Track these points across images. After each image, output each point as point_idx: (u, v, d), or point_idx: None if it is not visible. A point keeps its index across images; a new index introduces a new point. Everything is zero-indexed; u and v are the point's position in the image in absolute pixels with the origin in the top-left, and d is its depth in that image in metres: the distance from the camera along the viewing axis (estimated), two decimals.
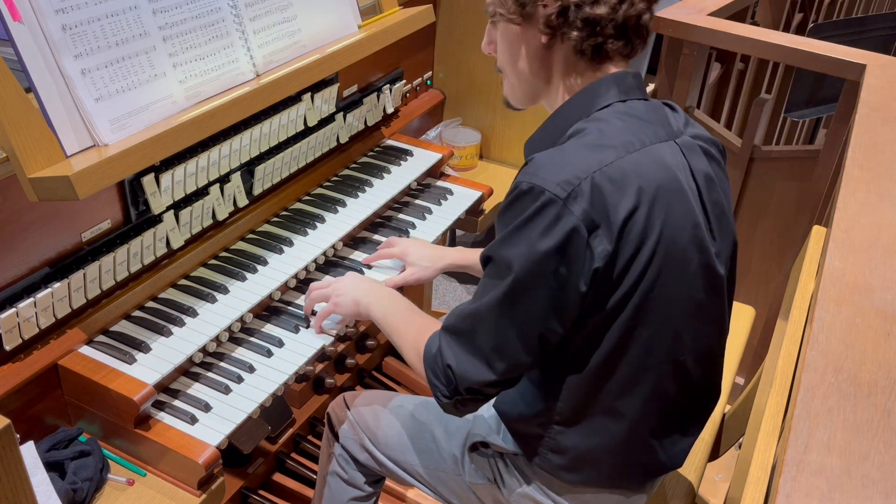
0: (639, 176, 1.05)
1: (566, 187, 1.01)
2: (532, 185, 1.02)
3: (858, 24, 2.90)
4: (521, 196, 1.04)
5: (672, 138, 1.13)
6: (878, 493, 0.83)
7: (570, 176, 1.02)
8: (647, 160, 1.07)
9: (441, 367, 1.15)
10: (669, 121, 1.16)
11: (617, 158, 1.04)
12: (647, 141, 1.09)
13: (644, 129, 1.10)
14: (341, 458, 1.54)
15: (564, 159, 1.04)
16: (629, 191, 1.03)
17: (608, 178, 1.02)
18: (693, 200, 1.11)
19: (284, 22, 1.56)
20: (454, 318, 1.15)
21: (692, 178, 1.13)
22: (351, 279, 1.45)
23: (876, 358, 1.02)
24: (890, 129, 1.64)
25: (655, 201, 1.05)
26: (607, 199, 1.02)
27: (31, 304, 1.22)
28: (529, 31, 1.13)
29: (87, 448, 1.22)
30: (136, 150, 1.21)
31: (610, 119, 1.10)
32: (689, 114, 2.45)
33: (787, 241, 2.41)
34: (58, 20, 1.17)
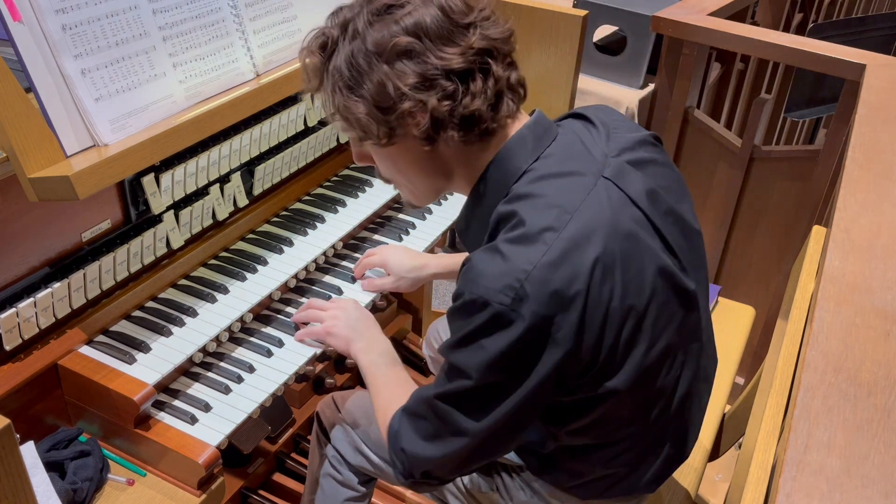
0: (582, 249, 0.99)
1: (509, 293, 0.96)
2: (475, 296, 0.98)
3: (858, 24, 2.90)
4: (467, 306, 1.00)
5: (599, 174, 1.06)
6: (878, 493, 0.83)
7: (511, 280, 0.96)
8: (585, 226, 1.00)
9: (395, 447, 1.13)
10: (591, 152, 1.09)
11: (554, 241, 0.98)
12: (576, 200, 1.02)
13: (570, 186, 1.04)
14: (334, 460, 1.52)
15: (501, 263, 0.98)
16: (578, 269, 0.98)
17: (551, 266, 0.97)
18: (646, 236, 1.06)
19: (284, 22, 1.56)
20: (412, 400, 1.13)
21: (635, 208, 1.06)
22: (354, 315, 1.40)
23: (876, 358, 1.02)
24: (890, 129, 1.64)
25: (609, 266, 1.00)
26: (556, 288, 0.96)
27: (31, 304, 1.22)
28: (406, 143, 1.07)
29: (87, 448, 1.22)
30: (135, 150, 1.21)
31: (532, 192, 1.03)
32: (688, 114, 2.45)
33: (787, 241, 2.41)
34: (58, 20, 1.17)
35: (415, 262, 1.57)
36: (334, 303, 1.45)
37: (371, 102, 1.03)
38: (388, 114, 1.03)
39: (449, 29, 1.02)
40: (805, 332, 1.32)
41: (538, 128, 1.09)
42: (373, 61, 1.02)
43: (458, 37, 1.02)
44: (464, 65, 1.01)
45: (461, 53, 1.01)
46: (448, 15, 1.02)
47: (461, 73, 1.02)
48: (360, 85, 1.03)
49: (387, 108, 1.02)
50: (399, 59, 1.01)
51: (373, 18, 1.03)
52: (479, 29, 1.04)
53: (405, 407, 1.14)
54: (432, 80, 1.01)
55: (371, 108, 1.03)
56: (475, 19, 1.04)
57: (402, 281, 1.57)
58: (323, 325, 1.40)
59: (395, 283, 1.57)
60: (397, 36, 1.00)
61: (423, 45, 1.01)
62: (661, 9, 2.36)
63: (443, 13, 1.02)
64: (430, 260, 1.58)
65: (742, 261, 2.54)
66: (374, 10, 1.03)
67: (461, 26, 1.03)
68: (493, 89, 1.04)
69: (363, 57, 1.02)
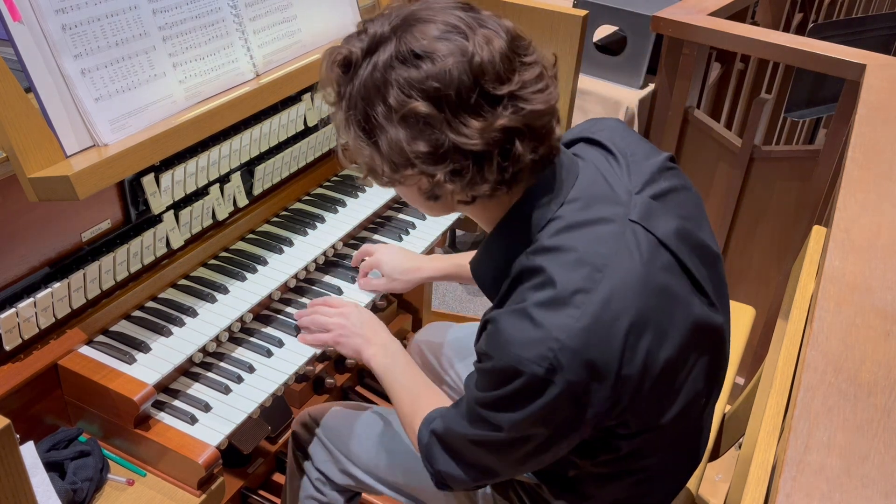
0: (615, 314, 0.94)
1: (543, 363, 0.92)
2: (506, 364, 0.95)
3: (858, 24, 2.90)
4: (497, 372, 0.97)
5: (626, 217, 1.00)
6: (878, 493, 0.83)
7: (544, 350, 0.92)
8: (617, 287, 0.95)
9: (431, 466, 1.16)
10: (614, 189, 1.03)
11: (586, 307, 0.93)
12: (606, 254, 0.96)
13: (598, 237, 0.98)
14: (318, 482, 1.49)
15: (532, 330, 0.94)
16: (612, 335, 0.94)
17: (585, 333, 0.93)
18: (677, 285, 1.02)
19: (284, 22, 1.56)
20: (443, 428, 1.13)
21: (664, 251, 1.02)
22: (359, 319, 1.38)
23: (876, 358, 1.02)
24: (890, 129, 1.64)
25: (643, 329, 0.96)
26: (591, 356, 0.93)
27: (30, 304, 1.22)
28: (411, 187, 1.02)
29: (87, 448, 1.22)
30: (135, 150, 1.21)
31: (558, 245, 0.97)
32: (688, 114, 2.45)
33: (787, 241, 2.41)
34: (58, 20, 1.17)
35: (409, 264, 1.55)
36: (336, 308, 1.42)
37: (380, 154, 0.97)
38: (395, 171, 0.98)
39: (477, 99, 0.91)
40: (805, 332, 1.32)
41: (562, 171, 1.02)
42: (390, 116, 0.94)
43: (484, 110, 0.92)
44: (481, 147, 0.92)
45: (481, 132, 0.91)
46: (480, 81, 0.91)
47: (477, 154, 0.93)
48: (372, 133, 0.97)
49: (394, 164, 0.97)
50: (414, 126, 0.93)
51: (396, 62, 0.93)
52: (514, 103, 0.93)
53: (435, 430, 1.15)
54: (444, 154, 0.93)
55: (379, 158, 0.98)
56: (513, 89, 0.92)
57: (395, 283, 1.55)
58: (330, 335, 1.39)
59: (388, 284, 1.56)
60: (415, 101, 0.91)
61: (441, 116, 0.91)
62: (661, 9, 2.36)
63: (474, 78, 0.91)
64: (424, 262, 1.56)
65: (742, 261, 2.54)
66: (402, 54, 0.93)
67: (492, 97, 0.92)
68: (511, 171, 0.96)
69: (381, 108, 0.94)
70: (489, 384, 1.00)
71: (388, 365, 1.31)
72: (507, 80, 0.92)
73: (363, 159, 1.01)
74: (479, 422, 1.05)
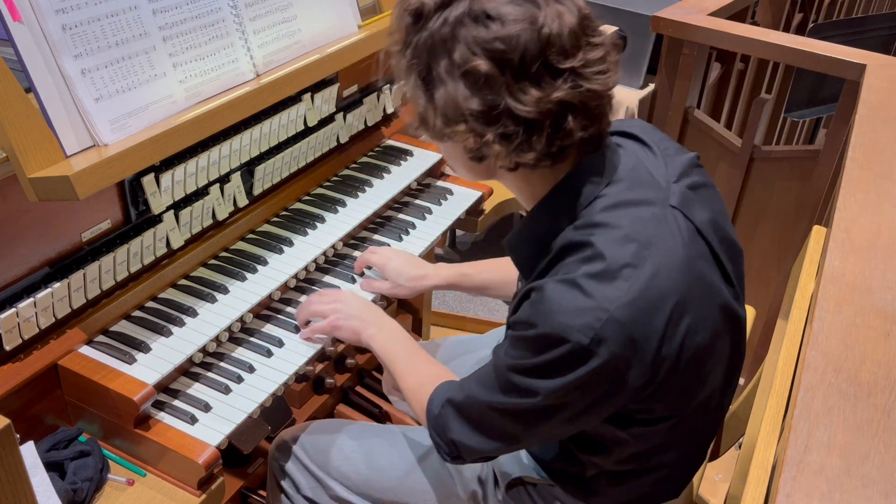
0: (661, 292, 0.97)
1: (588, 333, 0.94)
2: (551, 331, 0.96)
3: (858, 24, 2.90)
4: (541, 339, 0.98)
5: (667, 202, 1.03)
6: (878, 493, 0.83)
7: (591, 319, 0.94)
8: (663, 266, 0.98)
9: (443, 436, 1.15)
10: (654, 177, 1.06)
11: (634, 282, 0.96)
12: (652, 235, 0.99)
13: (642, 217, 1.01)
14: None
15: (581, 299, 0.96)
16: (656, 314, 0.97)
17: (631, 308, 0.95)
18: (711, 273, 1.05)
19: (284, 22, 1.56)
20: (462, 398, 1.12)
21: (701, 240, 1.05)
22: (355, 303, 1.38)
23: (876, 358, 1.02)
24: (890, 129, 1.64)
25: (684, 310, 0.99)
26: (635, 332, 0.96)
27: (31, 304, 1.22)
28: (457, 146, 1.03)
29: (87, 448, 1.22)
30: (135, 150, 1.21)
31: (606, 222, 1.00)
32: (688, 114, 2.45)
33: (787, 241, 2.41)
34: (58, 20, 1.17)
35: (414, 271, 1.53)
36: (330, 295, 1.43)
37: (434, 106, 0.99)
38: (447, 125, 0.99)
39: (539, 69, 0.93)
40: (805, 332, 1.32)
41: (608, 153, 1.05)
42: (451, 71, 0.95)
43: (544, 80, 0.93)
44: (534, 115, 0.94)
45: (538, 101, 0.93)
46: (545, 51, 0.92)
47: (529, 121, 0.94)
48: (431, 85, 0.98)
49: (447, 118, 0.98)
50: (473, 84, 0.94)
51: (467, 20, 0.94)
52: (574, 79, 0.94)
53: (452, 399, 1.14)
54: (497, 116, 0.94)
55: (433, 111, 1.00)
56: (575, 65, 0.94)
57: (399, 289, 1.54)
58: (327, 321, 1.39)
59: (393, 289, 1.55)
60: (479, 58, 0.92)
61: (502, 78, 0.93)
62: (661, 9, 2.36)
63: (540, 48, 0.92)
64: (430, 270, 1.54)
65: None
66: (473, 13, 0.94)
67: (554, 69, 0.93)
68: (558, 145, 0.97)
69: (445, 62, 0.96)
70: (529, 351, 1.00)
71: (387, 343, 1.31)
72: (572, 56, 0.94)
73: (417, 108, 1.03)
74: (511, 390, 1.04)
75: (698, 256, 1.04)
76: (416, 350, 1.31)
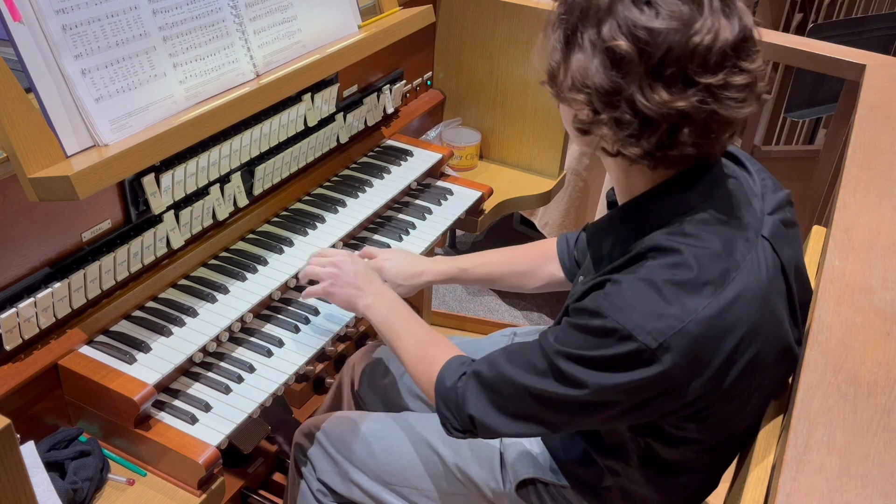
0: (736, 319, 0.97)
1: (658, 337, 0.94)
2: (620, 326, 0.95)
3: (858, 24, 2.90)
4: (606, 331, 0.96)
5: (759, 232, 1.03)
6: (878, 493, 0.83)
7: (664, 325, 0.94)
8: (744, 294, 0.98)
9: (457, 410, 1.13)
10: (752, 205, 1.05)
11: (713, 296, 0.96)
12: (740, 258, 0.99)
13: (734, 240, 1.00)
14: (319, 493, 1.47)
15: (658, 303, 0.95)
16: (726, 339, 0.97)
17: (704, 325, 0.95)
18: (784, 310, 1.05)
19: (285, 22, 1.56)
20: (492, 375, 1.10)
21: (783, 279, 1.05)
22: (351, 269, 1.37)
23: (876, 358, 1.02)
24: (890, 129, 1.64)
25: (751, 342, 0.99)
26: (701, 350, 0.95)
27: (31, 304, 1.22)
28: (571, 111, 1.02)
29: (88, 448, 1.22)
30: (136, 151, 1.21)
31: (699, 234, 0.99)
32: None
33: None
34: (58, 20, 1.17)
35: (411, 268, 1.53)
36: (327, 256, 1.41)
37: (567, 67, 0.98)
38: (571, 89, 0.97)
39: (674, 73, 0.91)
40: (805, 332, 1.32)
41: (713, 170, 1.03)
42: (595, 42, 0.93)
43: (676, 86, 0.91)
44: (653, 115, 0.92)
45: (661, 104, 0.91)
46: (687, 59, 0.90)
47: (646, 118, 0.93)
48: (572, 46, 0.97)
49: (573, 83, 0.97)
50: (609, 62, 0.92)
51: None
52: (705, 95, 0.91)
53: (477, 372, 1.11)
54: (619, 101, 0.93)
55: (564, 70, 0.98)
56: (712, 83, 0.91)
57: (399, 289, 1.52)
58: (321, 285, 1.37)
59: (392, 290, 1.55)
60: (623, 40, 0.91)
61: (637, 68, 0.91)
62: None
63: (684, 54, 0.90)
64: (427, 266, 1.54)
65: None
66: None
67: (688, 79, 0.91)
68: (666, 151, 0.96)
69: (592, 31, 0.94)
70: (589, 342, 0.99)
71: (385, 313, 1.30)
72: (712, 73, 0.91)
73: (550, 62, 1.01)
74: (558, 377, 1.02)
75: (776, 292, 1.04)
76: (414, 319, 1.29)
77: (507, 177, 2.19)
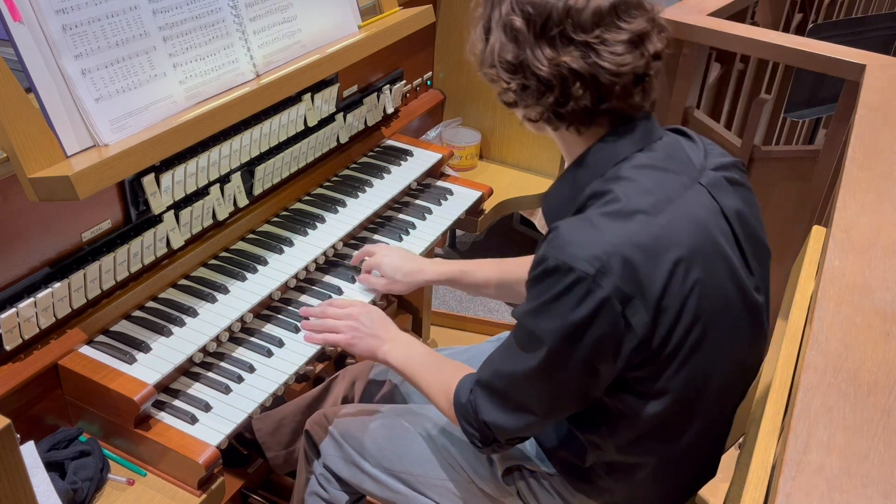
0: (670, 242, 1.02)
1: (595, 263, 0.98)
2: (560, 261, 1.00)
3: (858, 24, 2.90)
4: (549, 272, 1.02)
5: (697, 180, 1.10)
6: (878, 493, 0.83)
7: (599, 251, 0.99)
8: (678, 220, 1.04)
9: (475, 421, 1.16)
10: (690, 159, 1.12)
11: (646, 224, 1.01)
12: (673, 195, 1.06)
13: (668, 180, 1.07)
14: (322, 477, 1.50)
15: (592, 233, 1.01)
16: (662, 259, 1.01)
17: (639, 249, 1.00)
18: (728, 247, 1.09)
19: (285, 22, 1.56)
20: (489, 375, 1.15)
21: (724, 221, 1.10)
22: (368, 320, 1.40)
23: (876, 358, 1.02)
24: (890, 129, 1.64)
25: (692, 262, 1.03)
26: (639, 271, 0.99)
27: (31, 304, 1.22)
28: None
29: (88, 448, 1.22)
30: (136, 151, 1.21)
31: (630, 177, 1.06)
32: (688, 114, 2.45)
33: (786, 241, 2.41)
34: (58, 20, 1.17)
35: (410, 265, 1.55)
36: (344, 310, 1.44)
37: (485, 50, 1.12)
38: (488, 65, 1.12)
39: (556, 34, 1.04)
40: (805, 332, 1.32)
41: (645, 127, 1.11)
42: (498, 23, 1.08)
43: (558, 45, 1.04)
44: (547, 74, 1.04)
45: (550, 61, 1.04)
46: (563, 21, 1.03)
47: (543, 79, 1.05)
48: (488, 32, 1.12)
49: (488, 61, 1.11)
50: (508, 36, 1.07)
51: None
52: (586, 51, 1.03)
53: (480, 380, 1.16)
54: (519, 67, 1.06)
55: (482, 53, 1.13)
56: (588, 40, 1.03)
57: (396, 284, 1.55)
58: (342, 337, 1.40)
59: (390, 285, 1.56)
60: (515, 16, 1.05)
61: (528, 35, 1.05)
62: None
63: (559, 15, 1.03)
64: (426, 265, 1.56)
65: None
66: None
67: (568, 38, 1.03)
68: (563, 107, 1.06)
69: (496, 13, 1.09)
70: (539, 287, 1.04)
71: (405, 357, 1.34)
72: (588, 31, 1.03)
73: (477, 50, 1.15)
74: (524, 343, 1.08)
75: (717, 228, 1.08)
76: (433, 355, 1.33)
77: (507, 177, 2.19)
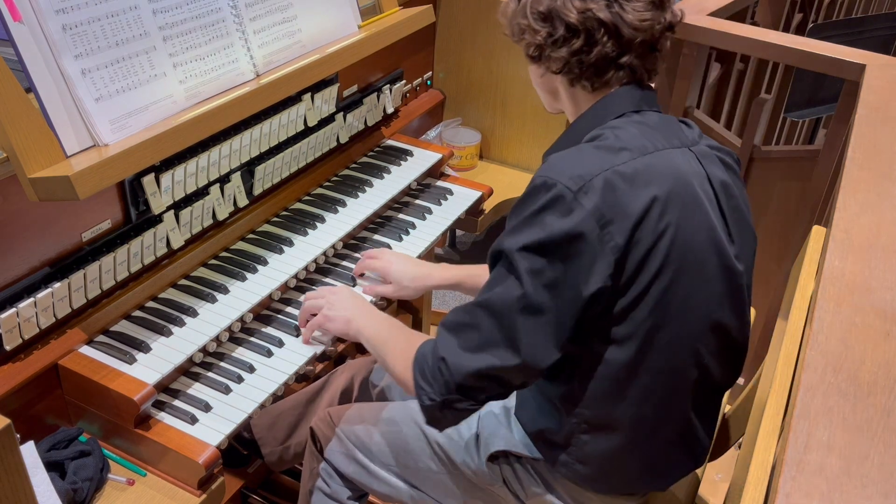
0: (651, 177, 1.07)
1: (578, 181, 1.04)
2: (545, 178, 1.05)
3: (858, 24, 2.90)
4: (533, 190, 1.07)
5: (686, 146, 1.15)
6: (878, 493, 0.83)
7: (583, 171, 1.05)
8: (661, 164, 1.09)
9: (432, 364, 1.11)
10: (683, 132, 1.18)
11: (630, 160, 1.07)
12: (659, 146, 1.12)
13: (657, 135, 1.13)
14: (324, 473, 1.51)
15: (579, 157, 1.08)
16: (641, 191, 1.05)
17: (621, 176, 1.05)
18: (709, 205, 1.13)
19: (284, 22, 1.56)
20: (455, 314, 1.13)
21: (709, 185, 1.14)
22: (345, 295, 1.42)
23: (876, 358, 1.02)
24: (890, 129, 1.64)
25: (668, 203, 1.07)
26: (619, 196, 1.04)
27: (31, 303, 1.22)
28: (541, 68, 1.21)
29: (88, 448, 1.22)
30: (136, 151, 1.21)
31: (624, 126, 1.13)
32: (688, 114, 2.45)
33: (786, 241, 2.41)
34: (58, 20, 1.17)
35: (418, 270, 1.54)
36: (324, 290, 1.46)
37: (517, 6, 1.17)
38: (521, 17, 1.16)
39: None
40: (805, 332, 1.32)
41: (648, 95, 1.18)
42: None
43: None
44: (575, 21, 1.10)
45: (579, 10, 1.10)
46: None
47: (569, 25, 1.11)
48: None
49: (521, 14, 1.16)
50: None
51: None
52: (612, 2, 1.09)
53: (444, 322, 1.15)
54: (550, 18, 1.12)
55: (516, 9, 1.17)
56: None
57: (404, 290, 1.55)
58: (318, 318, 1.41)
59: (398, 291, 1.56)
60: None
61: None
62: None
63: None
64: (433, 270, 1.55)
65: None
66: None
67: None
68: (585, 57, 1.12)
69: None
70: (522, 207, 1.08)
71: (376, 330, 1.33)
72: None
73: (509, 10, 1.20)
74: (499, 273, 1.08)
75: (700, 189, 1.12)
76: (405, 330, 1.32)
77: (507, 177, 2.19)
